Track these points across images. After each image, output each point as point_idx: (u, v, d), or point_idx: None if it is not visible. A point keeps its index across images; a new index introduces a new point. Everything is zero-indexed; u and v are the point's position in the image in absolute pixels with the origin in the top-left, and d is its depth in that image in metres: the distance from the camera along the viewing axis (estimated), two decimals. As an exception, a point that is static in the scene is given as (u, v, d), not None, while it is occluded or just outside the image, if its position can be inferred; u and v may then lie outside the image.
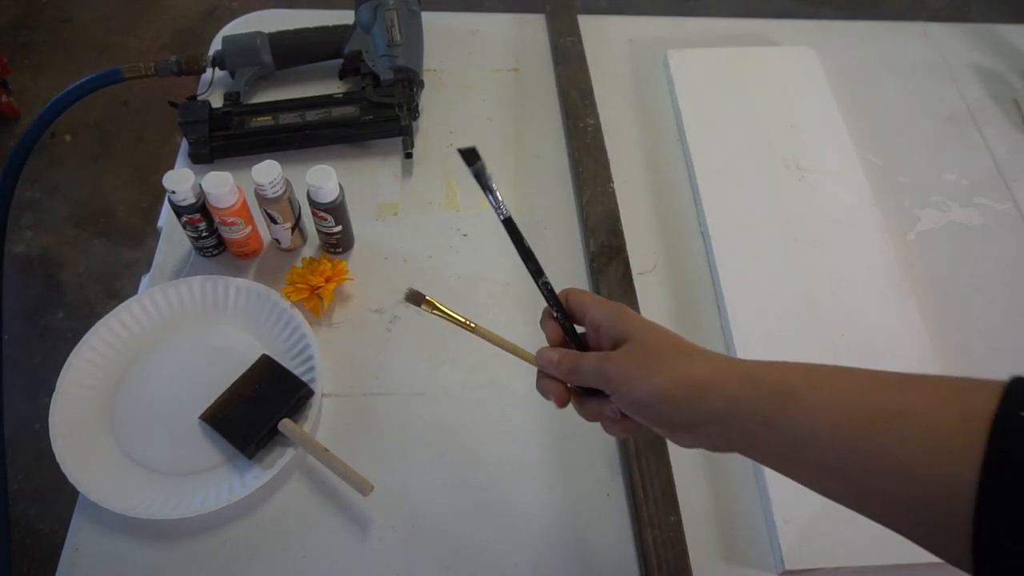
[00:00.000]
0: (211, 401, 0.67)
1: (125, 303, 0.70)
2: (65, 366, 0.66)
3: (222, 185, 0.69)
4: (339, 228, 0.74)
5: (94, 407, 0.66)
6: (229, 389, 0.67)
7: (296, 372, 0.67)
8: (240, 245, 0.75)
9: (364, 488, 0.62)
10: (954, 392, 0.33)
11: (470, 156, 0.44)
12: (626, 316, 0.45)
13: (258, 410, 0.65)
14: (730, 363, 0.41)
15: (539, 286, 0.49)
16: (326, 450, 0.64)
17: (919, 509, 0.33)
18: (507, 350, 0.54)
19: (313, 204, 0.72)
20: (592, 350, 0.47)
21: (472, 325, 0.55)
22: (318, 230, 0.75)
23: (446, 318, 0.54)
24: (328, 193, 0.70)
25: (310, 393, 0.66)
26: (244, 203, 0.72)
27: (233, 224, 0.72)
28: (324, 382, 0.69)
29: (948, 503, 0.31)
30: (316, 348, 0.68)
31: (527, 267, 0.48)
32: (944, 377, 0.35)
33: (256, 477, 0.63)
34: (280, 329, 0.71)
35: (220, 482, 0.63)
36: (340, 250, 0.78)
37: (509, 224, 0.47)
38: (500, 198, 0.46)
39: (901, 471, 0.33)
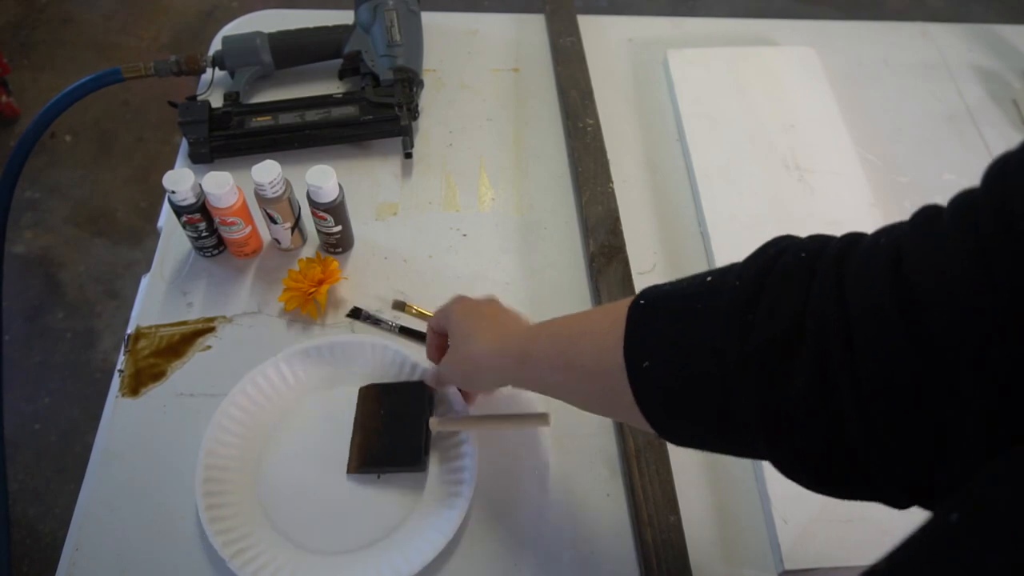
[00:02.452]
0: (345, 458, 0.65)
1: (249, 375, 0.67)
2: (202, 451, 0.63)
3: (222, 185, 0.69)
4: (339, 228, 0.74)
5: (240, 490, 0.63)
6: (355, 433, 0.66)
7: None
8: (240, 245, 0.75)
9: (545, 420, 0.64)
10: (614, 309, 0.46)
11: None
12: (442, 314, 0.64)
13: (400, 428, 0.64)
14: (494, 338, 0.57)
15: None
16: (487, 416, 0.65)
17: (608, 395, 0.46)
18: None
19: (313, 204, 0.72)
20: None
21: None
22: (318, 230, 0.75)
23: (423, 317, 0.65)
24: (328, 193, 0.70)
25: (432, 388, 0.67)
26: (244, 203, 0.72)
27: (233, 224, 0.72)
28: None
29: (616, 380, 0.44)
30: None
31: None
32: (620, 301, 0.46)
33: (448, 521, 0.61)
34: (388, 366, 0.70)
35: (396, 551, 0.60)
36: (340, 250, 0.78)
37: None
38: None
39: (589, 373, 0.47)
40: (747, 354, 0.37)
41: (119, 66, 0.86)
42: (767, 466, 0.64)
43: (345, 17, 0.93)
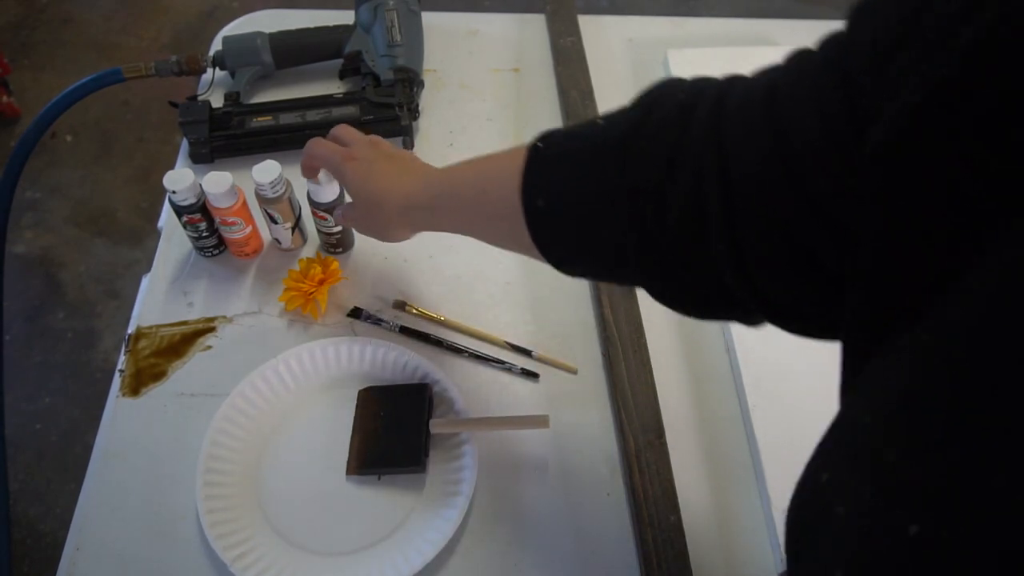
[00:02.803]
0: (344, 460, 0.65)
1: (249, 377, 0.67)
2: (203, 455, 0.63)
3: (222, 185, 0.69)
4: (339, 228, 0.74)
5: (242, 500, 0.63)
6: (355, 434, 0.66)
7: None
8: (240, 245, 0.75)
9: (544, 421, 0.64)
10: (516, 153, 0.48)
11: None
12: (336, 171, 0.65)
13: (400, 429, 0.64)
14: (401, 192, 0.59)
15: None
16: (487, 417, 0.65)
17: (513, 235, 0.49)
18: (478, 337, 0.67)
19: (313, 204, 0.72)
20: None
21: (442, 318, 0.73)
22: (319, 230, 0.75)
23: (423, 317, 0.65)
24: (328, 193, 0.70)
25: (431, 390, 0.67)
26: (244, 203, 0.72)
27: (233, 224, 0.72)
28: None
29: (518, 220, 0.47)
30: (449, 380, 0.68)
31: None
32: (517, 147, 0.49)
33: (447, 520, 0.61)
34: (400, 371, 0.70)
35: (396, 550, 0.60)
36: (340, 250, 0.78)
37: None
38: None
39: (495, 216, 0.50)
40: (625, 191, 0.40)
41: (119, 66, 0.86)
42: (767, 466, 0.64)
43: (345, 17, 0.93)
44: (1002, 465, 0.20)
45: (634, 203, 0.40)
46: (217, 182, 0.69)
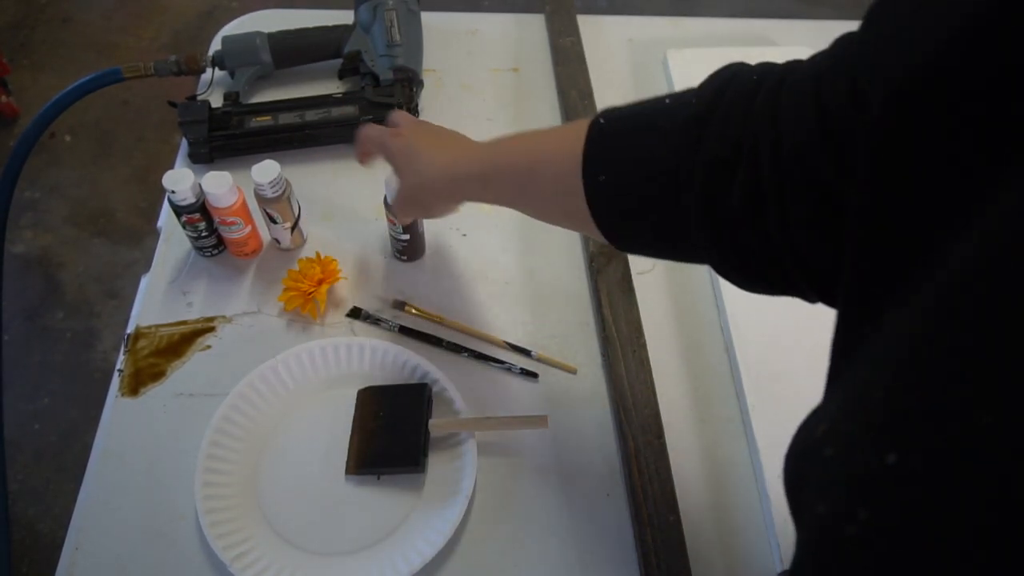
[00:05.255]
0: (343, 460, 0.65)
1: (247, 378, 0.67)
2: (201, 454, 0.63)
3: (222, 185, 0.69)
4: (407, 235, 0.74)
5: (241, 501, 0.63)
6: (354, 434, 0.66)
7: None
8: (240, 245, 0.75)
9: (544, 422, 0.64)
10: (573, 127, 0.49)
11: None
12: (382, 148, 0.64)
13: (399, 429, 0.64)
14: (448, 162, 0.59)
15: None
16: (486, 417, 0.65)
17: (568, 211, 0.49)
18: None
19: (388, 207, 0.71)
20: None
21: (441, 318, 0.72)
22: (390, 235, 0.75)
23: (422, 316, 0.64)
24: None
25: (431, 390, 0.67)
26: (244, 203, 0.72)
27: (233, 224, 0.72)
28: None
29: (577, 199, 0.48)
30: (449, 380, 0.68)
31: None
32: (567, 124, 0.49)
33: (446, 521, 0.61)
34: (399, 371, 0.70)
35: (396, 550, 0.60)
36: (406, 257, 0.77)
37: None
38: None
39: (550, 183, 0.50)
40: (696, 170, 0.41)
41: (119, 66, 0.86)
42: (767, 466, 0.64)
43: (345, 17, 0.93)
44: (989, 404, 0.21)
45: (708, 176, 0.41)
46: (217, 182, 0.69)
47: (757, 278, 0.43)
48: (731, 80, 0.43)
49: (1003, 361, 0.21)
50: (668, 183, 0.43)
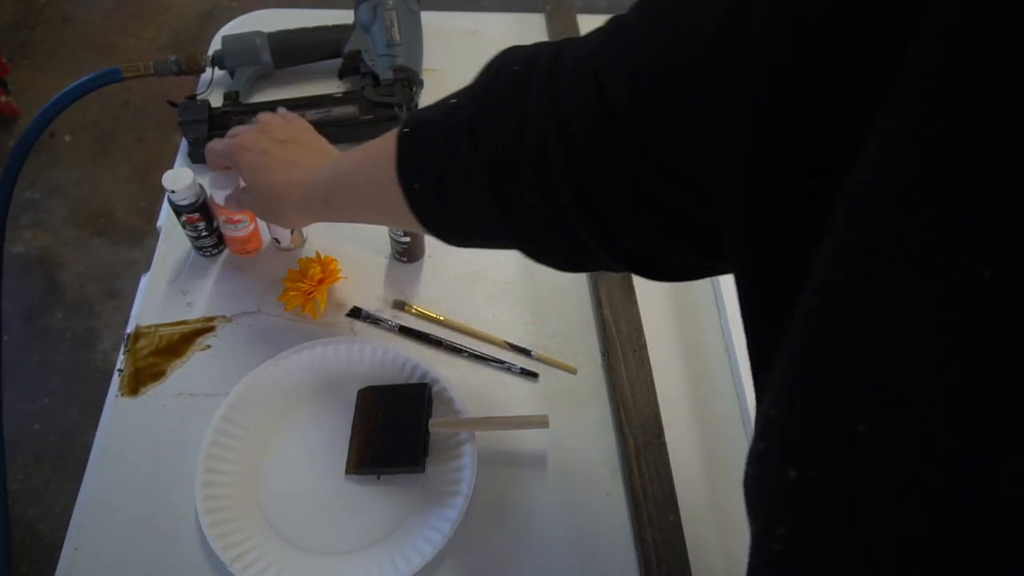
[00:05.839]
0: (343, 459, 0.65)
1: (246, 378, 0.67)
2: (202, 455, 0.63)
3: (228, 184, 0.69)
4: (407, 238, 0.74)
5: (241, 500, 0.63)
6: (354, 434, 0.66)
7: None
8: (243, 243, 0.75)
9: (544, 421, 0.64)
10: (391, 138, 0.49)
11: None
12: (232, 153, 0.64)
13: (399, 429, 0.64)
14: (295, 182, 0.59)
15: None
16: (486, 417, 0.65)
17: (405, 219, 0.50)
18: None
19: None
20: None
21: (441, 318, 0.73)
22: (391, 237, 0.75)
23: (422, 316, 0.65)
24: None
25: (431, 390, 0.67)
26: None
27: (239, 222, 0.72)
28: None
29: (399, 196, 0.48)
30: (447, 379, 0.68)
31: None
32: (388, 133, 0.50)
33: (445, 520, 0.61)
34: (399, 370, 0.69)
35: (396, 550, 0.60)
36: (406, 259, 0.77)
37: None
38: None
39: (383, 195, 0.50)
40: (480, 164, 0.42)
41: (118, 65, 0.85)
42: (767, 466, 0.64)
43: (345, 17, 0.93)
44: (867, 415, 0.21)
45: (491, 175, 0.42)
46: (223, 180, 0.69)
47: (568, 263, 0.45)
48: (498, 71, 0.43)
49: (876, 371, 0.21)
50: (463, 184, 0.44)
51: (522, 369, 0.71)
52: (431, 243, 0.79)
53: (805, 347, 0.24)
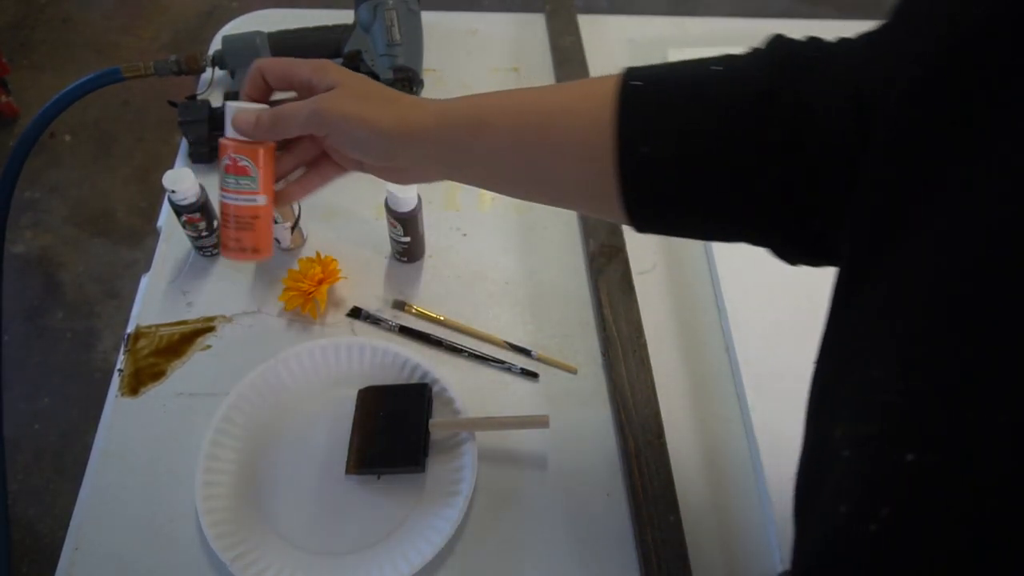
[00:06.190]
0: (343, 460, 0.64)
1: (246, 379, 0.66)
2: (203, 455, 0.63)
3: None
4: (408, 238, 0.74)
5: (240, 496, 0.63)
6: (354, 434, 0.66)
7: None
8: (245, 224, 0.74)
9: (544, 421, 0.64)
10: (593, 85, 0.44)
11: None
12: (331, 66, 0.49)
13: (399, 429, 0.64)
14: (428, 105, 0.48)
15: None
16: (487, 417, 0.65)
17: (580, 180, 0.44)
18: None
19: (390, 211, 0.71)
20: None
21: (441, 318, 0.73)
22: (390, 237, 0.75)
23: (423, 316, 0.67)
24: (406, 202, 0.70)
25: (431, 390, 0.67)
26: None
27: (245, 173, 0.71)
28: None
29: (598, 163, 0.42)
30: (447, 379, 0.68)
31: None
32: (583, 80, 0.44)
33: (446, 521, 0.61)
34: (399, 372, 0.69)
35: (396, 549, 0.60)
36: (406, 259, 0.77)
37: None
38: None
39: (568, 153, 0.43)
40: (766, 154, 0.38)
41: (119, 66, 0.85)
42: (767, 466, 0.64)
43: (345, 17, 0.93)
44: (1006, 404, 0.22)
45: (784, 160, 0.38)
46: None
47: (820, 256, 0.41)
48: (789, 55, 0.39)
49: (1014, 360, 0.21)
50: (726, 161, 0.39)
51: (522, 369, 0.71)
52: (431, 243, 0.79)
53: (931, 333, 0.25)
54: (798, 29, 0.37)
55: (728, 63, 0.41)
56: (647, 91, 0.42)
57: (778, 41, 0.41)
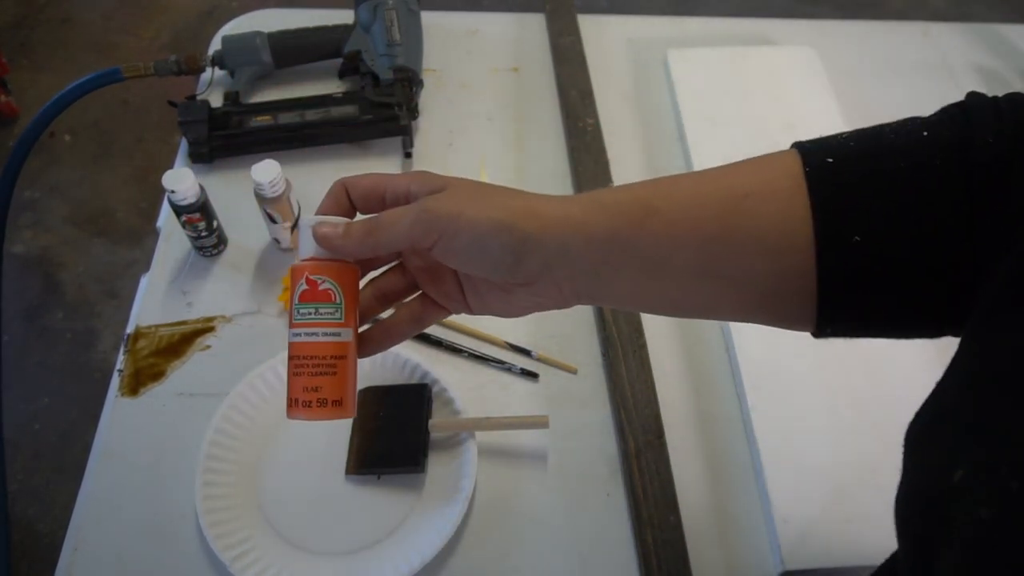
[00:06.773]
0: (344, 460, 0.65)
1: (239, 387, 0.66)
2: (203, 456, 0.63)
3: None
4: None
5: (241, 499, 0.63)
6: (354, 434, 0.66)
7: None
8: (320, 367, 0.74)
9: (544, 421, 0.64)
10: (772, 164, 0.37)
11: None
12: (433, 173, 0.40)
13: (399, 429, 0.64)
14: (564, 197, 0.39)
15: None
16: (487, 417, 0.65)
17: (773, 278, 0.36)
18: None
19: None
20: None
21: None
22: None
23: None
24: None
25: (431, 390, 0.67)
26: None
27: (327, 298, 0.71)
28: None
29: (793, 258, 0.35)
30: (447, 379, 0.68)
31: None
32: (754, 158, 0.38)
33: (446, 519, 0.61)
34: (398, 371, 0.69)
35: (396, 549, 0.60)
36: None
37: None
38: None
39: (756, 246, 0.36)
40: (1001, 228, 0.32)
41: (119, 66, 0.85)
42: (767, 466, 0.64)
43: (345, 17, 0.93)
44: None
45: (986, 232, 0.33)
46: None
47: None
48: (977, 128, 0.34)
49: None
50: (946, 242, 0.34)
51: (522, 369, 0.71)
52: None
53: None
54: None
55: (903, 128, 0.37)
56: (841, 170, 0.36)
57: (986, 100, 0.35)
